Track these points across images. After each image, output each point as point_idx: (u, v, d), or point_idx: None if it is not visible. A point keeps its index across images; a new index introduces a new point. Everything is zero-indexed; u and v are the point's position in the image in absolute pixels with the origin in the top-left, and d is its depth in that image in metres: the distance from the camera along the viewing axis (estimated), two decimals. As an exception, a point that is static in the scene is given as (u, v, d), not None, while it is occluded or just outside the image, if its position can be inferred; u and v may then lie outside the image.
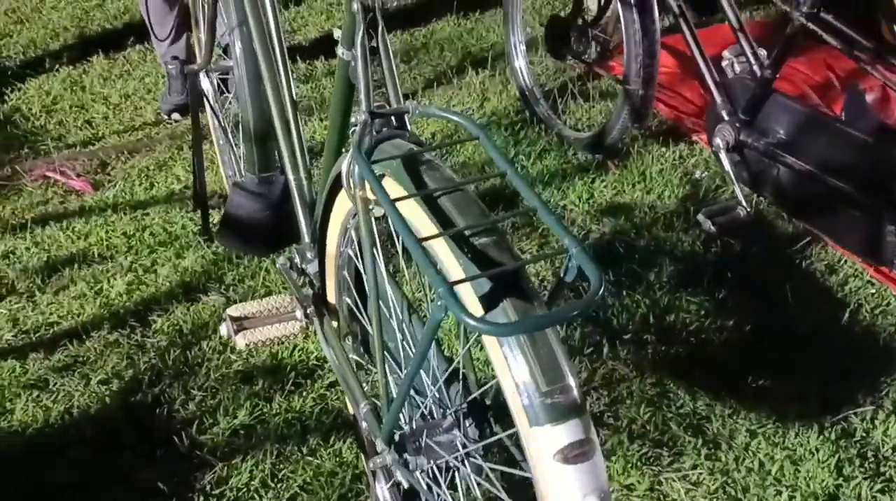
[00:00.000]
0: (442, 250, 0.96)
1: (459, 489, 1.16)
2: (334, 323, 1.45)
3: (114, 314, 1.94)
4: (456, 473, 1.15)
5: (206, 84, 2.04)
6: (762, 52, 2.05)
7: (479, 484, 1.10)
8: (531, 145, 2.57)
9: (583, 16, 2.46)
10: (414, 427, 1.14)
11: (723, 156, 2.08)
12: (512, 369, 0.90)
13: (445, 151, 2.49)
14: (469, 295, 0.92)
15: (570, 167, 2.49)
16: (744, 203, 2.04)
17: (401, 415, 1.18)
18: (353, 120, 1.10)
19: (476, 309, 0.91)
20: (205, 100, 2.05)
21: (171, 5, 2.55)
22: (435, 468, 1.14)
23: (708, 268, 2.06)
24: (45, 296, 1.98)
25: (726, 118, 2.07)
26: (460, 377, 1.16)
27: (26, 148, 2.55)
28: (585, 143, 2.50)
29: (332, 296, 1.45)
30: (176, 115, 2.67)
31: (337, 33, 1.18)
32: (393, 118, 1.11)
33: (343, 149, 1.33)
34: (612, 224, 2.25)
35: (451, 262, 0.94)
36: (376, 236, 1.11)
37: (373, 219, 1.13)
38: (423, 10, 3.32)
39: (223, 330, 1.43)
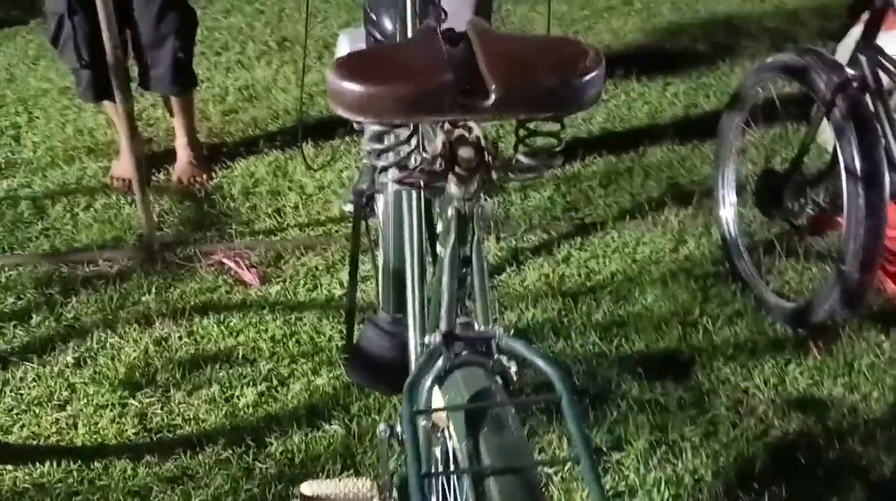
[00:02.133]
0: None
1: None
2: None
3: (235, 427, 1.89)
4: None
5: (376, 203, 1.98)
6: None
7: None
8: (722, 305, 2.27)
9: (802, 173, 2.16)
10: None
11: (948, 375, 1.70)
12: None
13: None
14: None
15: (763, 340, 2.17)
16: (968, 439, 1.64)
17: None
18: (427, 339, 0.95)
19: None
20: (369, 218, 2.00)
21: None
22: None
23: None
24: (179, 394, 1.98)
25: (958, 331, 1.69)
26: None
27: (214, 229, 2.63)
28: (787, 315, 2.17)
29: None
30: (358, 215, 2.65)
31: (440, 225, 1.04)
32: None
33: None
34: (800, 421, 1.91)
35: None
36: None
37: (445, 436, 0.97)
38: (637, 131, 3.13)
39: (290, 508, 1.31)
